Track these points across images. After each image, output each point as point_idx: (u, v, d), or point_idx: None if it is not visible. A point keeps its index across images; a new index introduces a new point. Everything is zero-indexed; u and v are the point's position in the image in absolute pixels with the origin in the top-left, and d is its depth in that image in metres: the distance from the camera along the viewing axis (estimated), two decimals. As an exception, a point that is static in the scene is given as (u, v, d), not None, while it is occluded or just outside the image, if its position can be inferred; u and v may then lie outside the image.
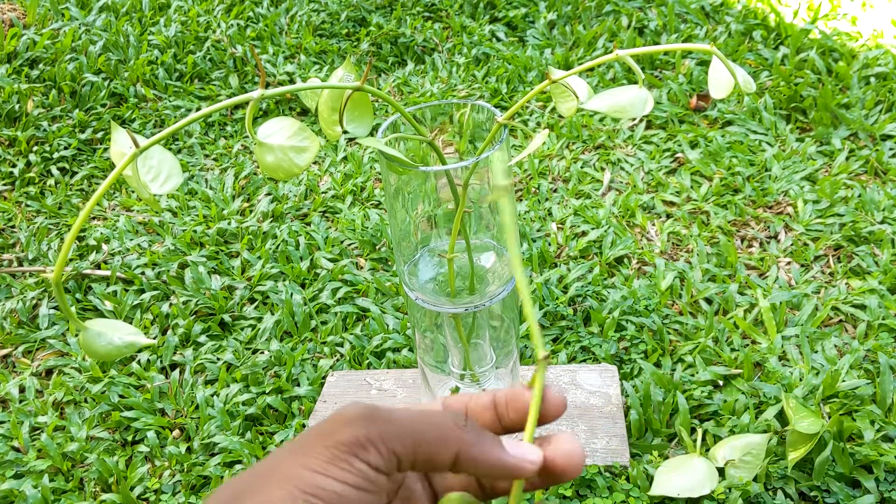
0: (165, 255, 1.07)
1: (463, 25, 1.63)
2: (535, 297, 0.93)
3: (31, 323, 1.00)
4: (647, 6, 1.65)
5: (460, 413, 0.28)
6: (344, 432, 0.24)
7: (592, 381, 0.80)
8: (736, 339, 0.86)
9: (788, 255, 0.99)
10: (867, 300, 0.88)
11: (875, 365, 0.80)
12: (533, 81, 1.42)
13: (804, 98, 1.27)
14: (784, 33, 1.47)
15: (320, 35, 1.66)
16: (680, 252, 1.02)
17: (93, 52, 1.55)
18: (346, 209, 1.15)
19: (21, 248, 1.14)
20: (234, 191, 1.22)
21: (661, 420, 0.76)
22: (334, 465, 0.24)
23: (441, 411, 0.27)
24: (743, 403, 0.77)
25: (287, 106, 1.45)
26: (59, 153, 1.32)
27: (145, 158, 0.37)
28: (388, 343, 0.89)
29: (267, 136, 0.39)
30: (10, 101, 1.41)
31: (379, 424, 0.25)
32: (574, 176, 1.17)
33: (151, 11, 1.75)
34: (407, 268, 0.61)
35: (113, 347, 0.36)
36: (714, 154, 1.18)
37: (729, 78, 0.48)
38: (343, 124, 0.47)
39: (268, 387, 0.85)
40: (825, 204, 1.05)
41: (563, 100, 0.51)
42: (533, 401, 0.29)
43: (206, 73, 1.54)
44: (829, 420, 0.72)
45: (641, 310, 0.89)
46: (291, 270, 1.02)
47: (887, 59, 1.34)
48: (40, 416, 0.86)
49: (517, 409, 0.29)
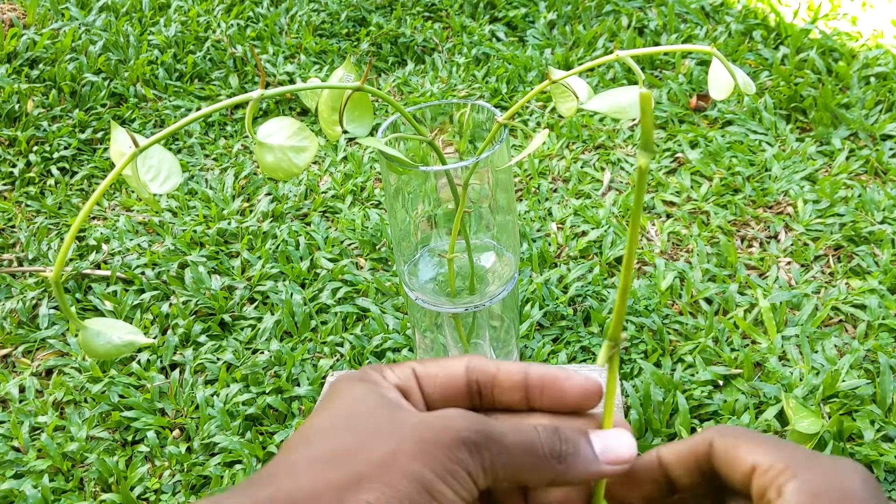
0: (165, 255, 1.07)
1: (463, 25, 1.63)
2: (535, 297, 0.93)
3: (31, 323, 1.00)
4: (647, 6, 1.64)
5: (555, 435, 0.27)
6: (465, 452, 0.25)
7: (592, 381, 0.80)
8: (736, 339, 0.86)
9: (788, 255, 0.99)
10: (867, 300, 0.88)
11: (875, 365, 0.80)
12: (533, 81, 1.42)
13: (804, 98, 1.27)
14: (784, 33, 1.47)
15: (320, 35, 1.66)
16: (680, 252, 1.02)
17: (93, 52, 1.55)
18: (346, 209, 1.15)
19: (21, 247, 1.15)
20: (234, 191, 1.22)
21: (662, 420, 0.76)
22: (453, 477, 0.25)
23: (539, 437, 0.27)
24: (743, 403, 0.77)
25: (287, 106, 1.45)
26: (59, 153, 1.32)
27: (145, 158, 0.37)
28: (388, 343, 0.89)
29: (266, 136, 0.39)
30: (10, 101, 1.41)
31: (492, 451, 0.26)
32: (574, 176, 1.17)
33: (151, 11, 1.75)
34: (407, 268, 0.61)
35: (112, 346, 0.36)
36: (714, 154, 1.18)
37: (729, 79, 0.48)
38: (343, 124, 0.47)
39: (268, 387, 0.85)
40: (825, 204, 1.05)
41: (563, 100, 0.51)
42: (607, 392, 0.28)
43: (206, 73, 1.54)
44: (829, 420, 0.72)
45: (641, 310, 0.89)
46: (291, 270, 1.02)
47: (887, 59, 1.34)
48: (40, 415, 0.86)
49: (553, 398, 0.29)
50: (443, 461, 0.25)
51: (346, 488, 0.24)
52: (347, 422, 0.27)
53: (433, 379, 0.30)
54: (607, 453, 0.27)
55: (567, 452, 0.27)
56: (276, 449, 0.76)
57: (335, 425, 0.27)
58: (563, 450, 0.27)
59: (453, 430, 0.25)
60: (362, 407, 0.27)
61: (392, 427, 0.26)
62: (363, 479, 0.24)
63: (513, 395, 0.29)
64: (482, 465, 0.25)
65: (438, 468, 0.25)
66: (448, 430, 0.25)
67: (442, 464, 0.25)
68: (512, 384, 0.29)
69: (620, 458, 0.27)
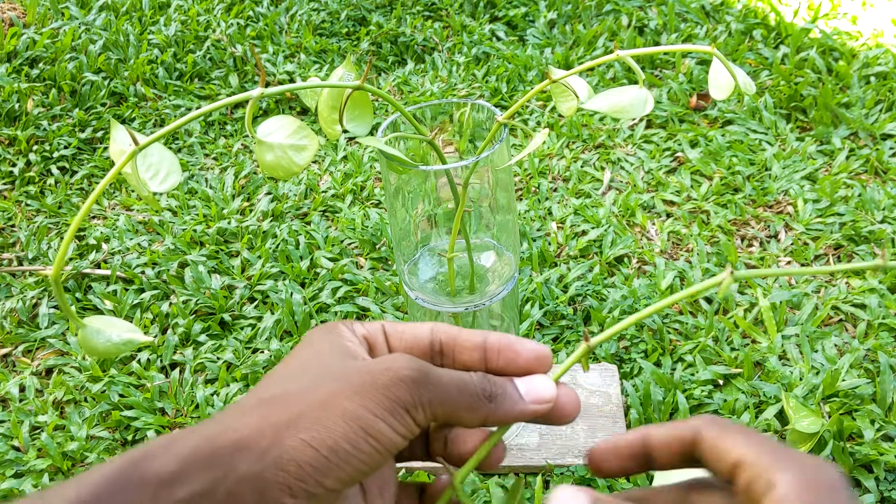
0: (165, 255, 1.07)
1: (463, 24, 1.63)
2: (535, 297, 0.93)
3: (31, 322, 1.00)
4: (647, 5, 1.64)
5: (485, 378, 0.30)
6: (403, 390, 0.27)
7: (592, 380, 0.80)
8: (736, 339, 0.86)
9: (788, 254, 0.99)
10: (867, 299, 0.88)
11: (875, 364, 0.80)
12: (533, 81, 1.42)
13: (804, 97, 1.26)
14: (784, 32, 1.47)
15: (320, 34, 1.66)
16: (680, 251, 1.01)
17: (93, 52, 1.55)
18: (346, 208, 1.15)
19: (21, 247, 1.14)
20: (234, 190, 1.22)
21: (662, 419, 0.76)
22: (392, 416, 0.27)
23: (472, 378, 0.29)
24: (743, 403, 0.77)
25: (287, 105, 1.45)
26: (59, 152, 1.32)
27: (144, 156, 0.37)
28: (388, 342, 0.89)
29: (266, 135, 0.39)
30: (10, 101, 1.41)
31: (430, 390, 0.28)
32: (574, 175, 1.17)
33: (151, 11, 1.75)
34: (407, 267, 0.61)
35: (111, 345, 0.36)
36: (714, 153, 1.18)
37: (729, 79, 0.48)
38: (343, 123, 0.47)
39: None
40: (825, 203, 1.05)
41: (563, 99, 0.51)
42: (562, 369, 0.32)
43: (206, 72, 1.54)
44: (829, 419, 0.72)
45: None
46: (291, 270, 1.01)
47: (887, 59, 1.34)
48: (40, 415, 0.86)
49: (508, 360, 0.31)
50: (380, 399, 0.26)
51: (286, 427, 0.25)
52: (302, 369, 0.29)
53: (400, 335, 0.32)
54: (531, 394, 0.30)
55: (496, 392, 0.30)
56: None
57: (292, 372, 0.29)
58: (493, 390, 0.30)
59: (393, 370, 0.27)
60: (319, 356, 0.30)
61: (338, 373, 0.28)
62: (301, 419, 0.26)
63: (472, 355, 0.31)
64: (420, 402, 0.27)
65: (375, 407, 0.26)
66: (388, 371, 0.27)
67: (379, 402, 0.26)
68: (472, 346, 0.31)
69: (542, 398, 0.30)
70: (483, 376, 0.30)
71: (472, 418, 0.29)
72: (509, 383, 0.30)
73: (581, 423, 0.75)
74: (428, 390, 0.28)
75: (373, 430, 0.26)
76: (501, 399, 0.30)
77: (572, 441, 0.73)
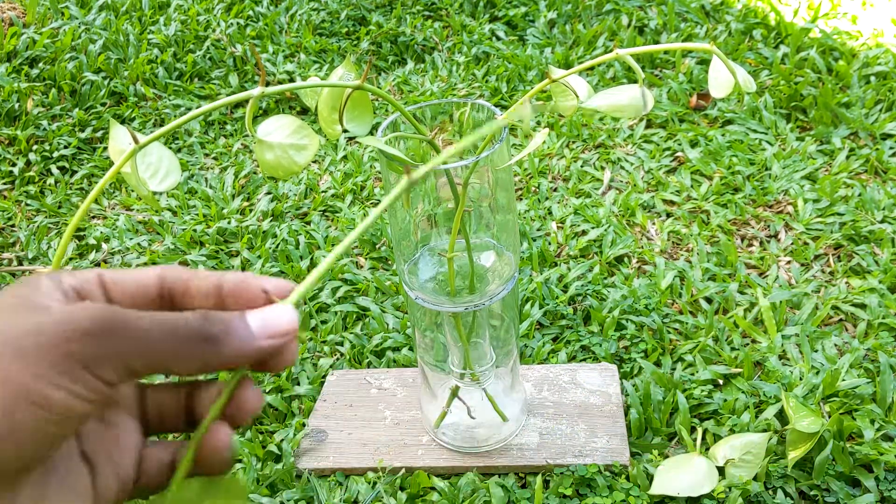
0: (165, 255, 1.07)
1: (463, 24, 1.63)
2: (535, 296, 0.93)
3: (31, 322, 1.00)
4: (647, 5, 1.64)
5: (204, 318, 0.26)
6: (80, 344, 0.23)
7: (592, 380, 0.80)
8: (736, 339, 0.86)
9: (788, 254, 0.99)
10: (867, 299, 0.88)
11: (875, 364, 0.80)
12: (533, 80, 1.42)
13: (804, 97, 1.26)
14: (784, 32, 1.47)
15: (320, 34, 1.66)
16: (680, 251, 1.01)
17: (92, 51, 1.55)
18: (345, 208, 1.15)
19: (21, 247, 1.14)
20: (233, 190, 1.22)
21: (661, 419, 0.76)
22: (66, 376, 0.23)
23: (186, 319, 0.25)
24: (743, 402, 0.77)
25: (287, 105, 1.45)
26: (58, 152, 1.32)
27: (144, 155, 0.37)
28: (388, 342, 0.89)
29: (267, 134, 0.39)
30: (10, 100, 1.41)
31: (120, 340, 0.24)
32: (574, 175, 1.17)
33: (151, 10, 1.75)
34: (407, 267, 0.61)
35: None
36: (714, 153, 1.18)
37: (729, 77, 0.48)
38: (343, 123, 0.47)
39: (268, 385, 0.85)
40: (825, 203, 1.05)
41: (563, 99, 0.51)
42: None
43: (205, 72, 1.54)
44: (829, 419, 0.72)
45: (641, 309, 0.89)
46: (291, 269, 1.01)
47: (887, 58, 1.34)
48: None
49: (248, 301, 0.28)
50: (51, 359, 0.23)
51: None
52: None
53: (121, 286, 0.28)
54: (266, 328, 0.26)
55: (215, 332, 0.25)
56: (276, 448, 0.76)
57: None
58: (213, 331, 0.25)
59: (68, 322, 0.23)
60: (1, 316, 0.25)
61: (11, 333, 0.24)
62: None
63: (206, 301, 0.28)
64: (107, 356, 0.23)
65: (43, 368, 0.22)
66: (61, 323, 0.23)
67: (48, 363, 0.23)
68: (206, 290, 0.28)
69: (279, 331, 0.27)
70: (202, 314, 0.26)
71: (188, 366, 0.25)
72: (237, 318, 0.26)
73: (581, 422, 0.75)
74: (117, 341, 0.24)
75: (38, 397, 0.22)
76: (225, 339, 0.25)
77: (572, 441, 0.73)
